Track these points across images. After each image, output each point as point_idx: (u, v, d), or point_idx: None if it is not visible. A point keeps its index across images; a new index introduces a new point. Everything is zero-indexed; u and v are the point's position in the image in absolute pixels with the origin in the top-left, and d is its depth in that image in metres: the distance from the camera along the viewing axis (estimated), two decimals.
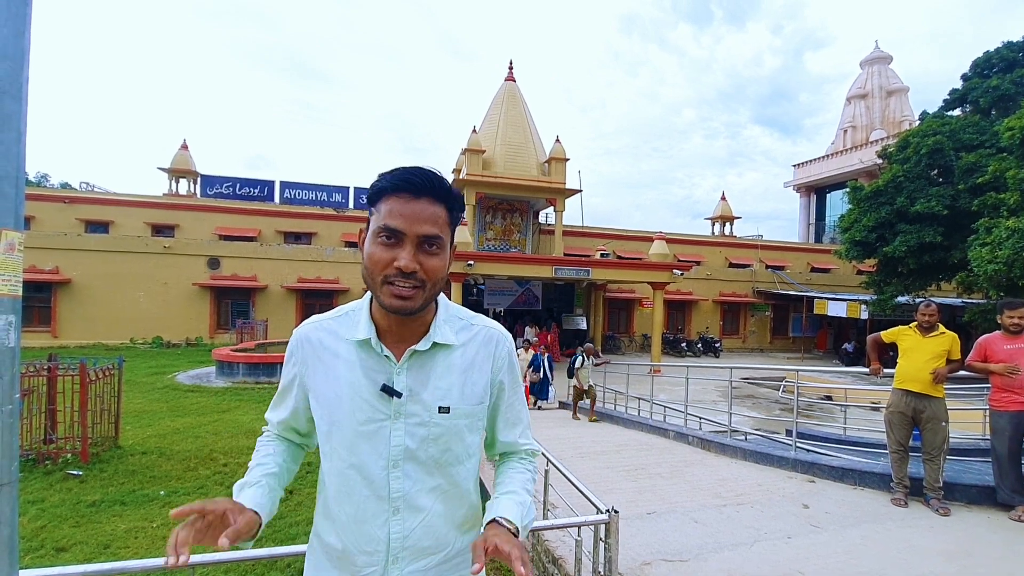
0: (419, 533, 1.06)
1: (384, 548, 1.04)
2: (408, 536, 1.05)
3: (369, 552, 1.05)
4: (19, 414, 0.93)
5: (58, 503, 5.24)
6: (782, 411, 13.38)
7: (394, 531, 1.05)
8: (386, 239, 0.99)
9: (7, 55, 0.89)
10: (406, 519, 1.05)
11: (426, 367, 1.08)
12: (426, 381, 1.07)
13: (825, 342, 27.84)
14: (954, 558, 3.37)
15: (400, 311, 1.01)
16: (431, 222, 1.00)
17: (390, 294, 1.00)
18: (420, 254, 1.00)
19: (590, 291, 24.32)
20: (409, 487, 1.05)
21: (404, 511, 1.05)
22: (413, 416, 1.05)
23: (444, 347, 1.09)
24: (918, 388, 4.19)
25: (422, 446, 1.06)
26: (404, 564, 1.05)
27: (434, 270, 1.01)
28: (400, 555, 1.05)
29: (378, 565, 1.05)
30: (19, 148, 0.90)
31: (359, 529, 1.05)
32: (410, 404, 1.05)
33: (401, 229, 0.98)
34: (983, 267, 14.02)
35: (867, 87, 36.52)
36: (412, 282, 0.99)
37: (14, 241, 0.89)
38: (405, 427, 1.05)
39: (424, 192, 1.00)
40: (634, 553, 3.42)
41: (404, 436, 1.05)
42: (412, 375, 1.06)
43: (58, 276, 20.37)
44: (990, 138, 17.39)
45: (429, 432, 1.06)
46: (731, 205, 32.49)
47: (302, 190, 27.65)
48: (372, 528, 1.05)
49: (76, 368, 6.55)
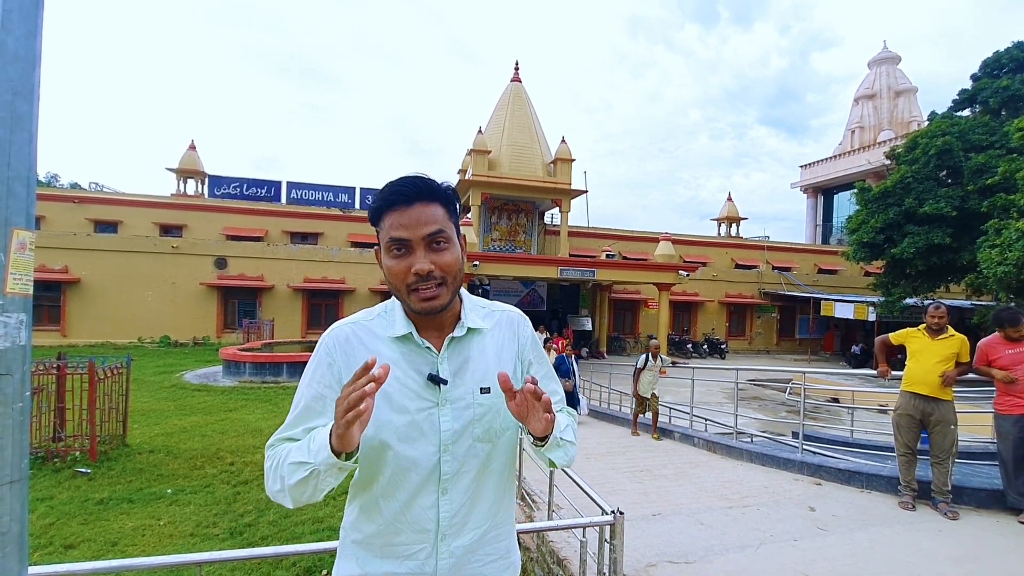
0: (466, 510, 1.13)
1: (434, 527, 1.10)
2: (456, 514, 1.11)
3: (420, 532, 1.10)
4: (29, 412, 0.94)
5: (67, 500, 5.29)
6: (788, 413, 13.31)
7: (443, 511, 1.10)
8: (397, 251, 1.07)
9: (19, 57, 0.89)
10: (454, 499, 1.11)
11: (464, 352, 1.15)
12: (466, 365, 1.14)
13: (832, 344, 27.65)
14: (962, 562, 3.34)
15: (431, 311, 1.09)
16: (431, 221, 1.07)
17: (418, 299, 1.08)
18: (431, 254, 1.07)
19: (595, 292, 24.28)
20: (457, 468, 1.11)
21: (452, 491, 1.11)
22: (459, 400, 1.12)
23: (476, 332, 1.18)
24: (927, 391, 4.16)
25: (468, 427, 1.12)
26: (452, 540, 1.11)
27: (448, 264, 1.09)
28: (448, 532, 1.11)
29: (428, 543, 1.10)
30: (31, 149, 0.91)
31: (409, 516, 1.09)
32: (455, 389, 1.12)
33: (406, 237, 1.06)
34: (992, 269, 13.89)
35: (875, 87, 36.29)
36: (433, 282, 1.07)
37: (25, 240, 0.90)
38: (452, 411, 1.11)
39: (415, 198, 1.07)
40: (639, 555, 3.41)
41: (452, 420, 1.11)
42: (453, 362, 1.14)
43: (67, 275, 20.55)
44: (1000, 139, 17.24)
45: (474, 413, 1.12)
46: (737, 206, 32.34)
47: (309, 190, 27.77)
48: (422, 511, 1.10)
49: (85, 367, 6.60)
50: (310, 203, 27.37)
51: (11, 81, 0.87)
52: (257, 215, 26.02)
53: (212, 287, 22.30)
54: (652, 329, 24.78)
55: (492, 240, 25.37)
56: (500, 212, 25.56)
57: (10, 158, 0.87)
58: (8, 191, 0.87)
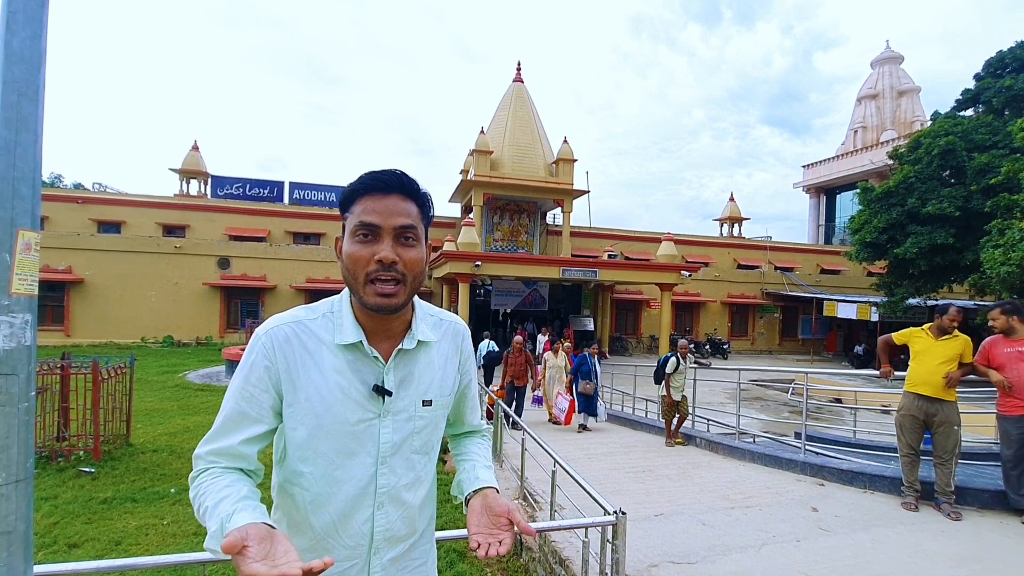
0: (396, 523, 1.10)
1: (368, 541, 1.07)
2: (389, 527, 1.09)
3: (352, 547, 1.06)
4: (34, 411, 0.95)
5: (71, 500, 5.31)
6: (791, 413, 13.28)
7: (378, 524, 1.08)
8: (364, 236, 1.02)
9: (24, 58, 0.90)
10: (389, 512, 1.09)
11: (410, 364, 1.12)
12: (411, 378, 1.11)
13: (835, 344, 27.58)
14: (965, 563, 3.33)
15: (384, 308, 1.02)
16: (404, 215, 1.04)
17: (374, 293, 1.02)
18: (398, 246, 1.03)
19: (597, 292, 24.26)
20: (394, 482, 1.09)
21: (388, 505, 1.08)
22: (401, 412, 1.09)
23: (425, 344, 1.14)
24: (930, 392, 4.14)
25: (408, 440, 1.10)
26: (384, 553, 1.09)
27: (412, 261, 1.04)
28: (381, 546, 1.09)
29: (360, 558, 1.07)
30: (36, 149, 0.92)
31: (342, 531, 1.05)
32: (398, 401, 1.09)
33: (377, 223, 1.01)
34: (996, 269, 13.84)
35: (878, 87, 36.18)
36: (394, 275, 1.02)
37: (31, 241, 0.90)
38: (393, 423, 1.08)
39: (394, 189, 1.04)
40: (641, 555, 3.41)
41: (392, 432, 1.08)
42: (399, 373, 1.10)
43: (71, 276, 20.62)
44: (1003, 138, 17.18)
45: (415, 426, 1.11)
46: (740, 206, 32.28)
47: (311, 191, 27.81)
48: (356, 524, 1.06)
49: (89, 367, 6.63)
50: (312, 203, 27.40)
51: (16, 82, 0.88)
52: (260, 215, 26.06)
53: (215, 287, 22.35)
54: (654, 329, 24.77)
55: (494, 240, 25.37)
56: (502, 212, 25.56)
57: (15, 159, 0.88)
58: (13, 192, 0.87)
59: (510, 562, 4.09)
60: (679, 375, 7.41)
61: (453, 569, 3.97)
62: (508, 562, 4.10)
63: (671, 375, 7.39)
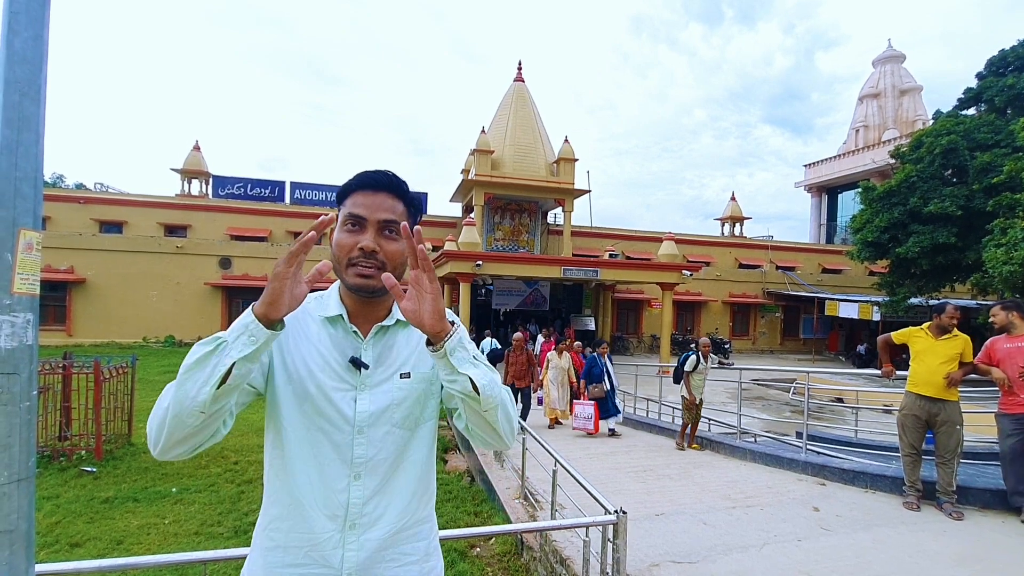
0: (377, 499, 1.11)
1: (343, 512, 1.08)
2: (367, 502, 1.10)
3: (328, 517, 1.07)
4: (36, 411, 0.95)
5: (72, 499, 5.32)
6: (792, 413, 13.27)
7: (354, 496, 1.09)
8: (351, 226, 1.12)
9: (26, 58, 0.90)
10: (367, 484, 1.10)
11: (389, 342, 1.18)
12: (389, 353, 1.17)
13: (836, 344, 27.54)
14: (967, 562, 3.32)
15: (363, 289, 1.11)
16: (390, 211, 1.13)
17: (355, 275, 1.10)
18: (380, 238, 1.11)
19: (599, 292, 24.24)
20: (373, 453, 1.10)
21: (365, 476, 1.10)
22: (378, 385, 1.13)
23: (404, 324, 1.18)
24: (932, 392, 4.14)
25: (387, 411, 1.12)
26: (361, 531, 1.09)
27: (393, 253, 1.12)
28: (358, 521, 1.09)
29: (335, 531, 1.08)
30: (38, 149, 0.92)
31: (321, 491, 1.08)
32: (375, 375, 1.13)
33: (363, 215, 1.11)
34: (998, 268, 13.82)
35: (880, 86, 36.10)
36: (374, 262, 1.10)
37: (32, 241, 0.91)
38: (371, 396, 1.12)
39: (383, 187, 1.14)
40: (642, 554, 3.41)
41: (369, 403, 1.11)
42: (377, 350, 1.16)
43: (73, 275, 20.65)
44: (1005, 137, 17.15)
45: (393, 398, 1.13)
46: (741, 205, 32.22)
47: (312, 190, 27.82)
48: (332, 493, 1.08)
49: (90, 366, 6.64)
50: (314, 203, 27.42)
51: (18, 82, 0.88)
52: (261, 215, 26.08)
53: (216, 287, 22.38)
54: (655, 329, 24.74)
55: (495, 240, 25.36)
56: (503, 212, 25.55)
57: (17, 159, 0.88)
58: (15, 191, 0.87)
59: (511, 561, 4.10)
60: (698, 374, 7.19)
61: (454, 569, 3.97)
62: (509, 561, 4.10)
63: (690, 373, 7.17)
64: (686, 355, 7.33)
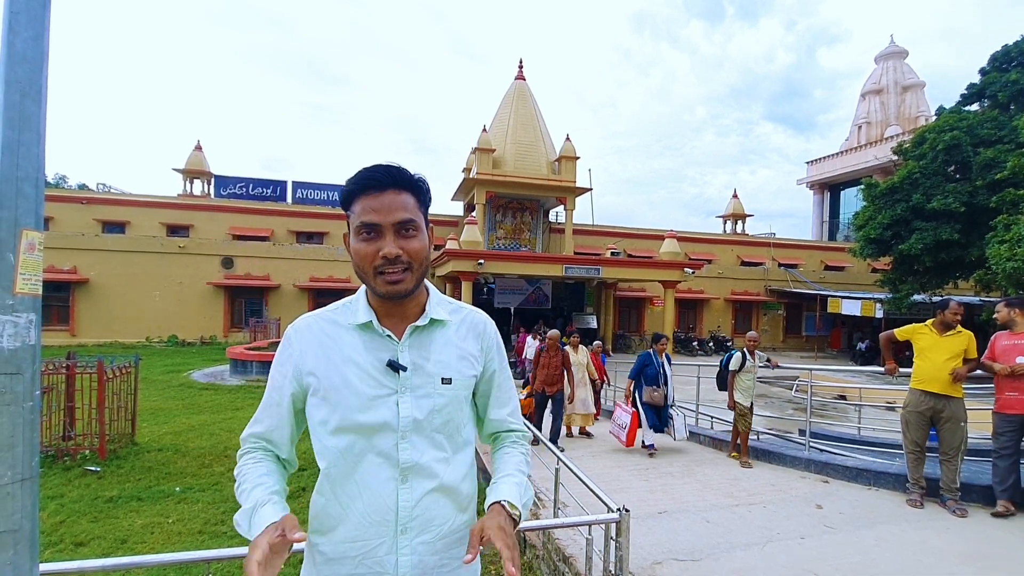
0: (426, 503, 1.10)
1: (393, 517, 1.07)
2: (416, 506, 1.09)
3: (378, 524, 1.07)
4: (39, 411, 0.95)
5: (76, 499, 5.33)
6: (795, 411, 13.25)
7: (403, 499, 1.08)
8: (367, 235, 1.09)
9: (27, 58, 0.90)
10: (414, 488, 1.09)
11: (426, 343, 1.15)
12: (428, 355, 1.14)
13: (839, 341, 27.52)
14: (971, 560, 3.32)
15: (395, 295, 1.09)
16: (402, 209, 1.09)
17: (384, 282, 1.08)
18: (400, 240, 1.09)
19: (600, 290, 24.23)
20: (417, 457, 1.10)
21: (412, 479, 1.09)
22: (419, 388, 1.11)
23: (440, 323, 1.17)
24: (937, 388, 4.13)
25: (428, 417, 1.11)
26: (413, 535, 1.08)
27: (416, 251, 1.10)
28: (409, 525, 1.08)
29: (387, 536, 1.07)
30: (39, 150, 0.92)
31: (366, 502, 1.07)
32: (415, 377, 1.12)
33: (376, 222, 1.08)
34: (1002, 265, 13.77)
35: (882, 83, 35.97)
36: (400, 266, 1.08)
37: (34, 241, 0.91)
38: (412, 399, 1.10)
39: (388, 185, 1.09)
40: (645, 552, 3.41)
41: (412, 408, 1.10)
42: (414, 351, 1.14)
43: (76, 276, 20.72)
44: (1008, 133, 17.08)
45: (434, 403, 1.12)
46: (743, 203, 32.19)
47: (314, 190, 27.87)
48: (382, 497, 1.07)
49: (94, 366, 6.66)
50: (315, 203, 27.46)
51: (19, 82, 0.88)
52: (263, 215, 26.14)
53: (219, 287, 22.44)
54: (658, 327, 24.67)
55: (497, 238, 25.37)
56: (505, 210, 25.55)
57: (19, 159, 0.88)
58: (17, 192, 0.87)
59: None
60: (746, 373, 6.14)
61: None
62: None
63: (736, 373, 6.15)
64: (729, 354, 6.32)
